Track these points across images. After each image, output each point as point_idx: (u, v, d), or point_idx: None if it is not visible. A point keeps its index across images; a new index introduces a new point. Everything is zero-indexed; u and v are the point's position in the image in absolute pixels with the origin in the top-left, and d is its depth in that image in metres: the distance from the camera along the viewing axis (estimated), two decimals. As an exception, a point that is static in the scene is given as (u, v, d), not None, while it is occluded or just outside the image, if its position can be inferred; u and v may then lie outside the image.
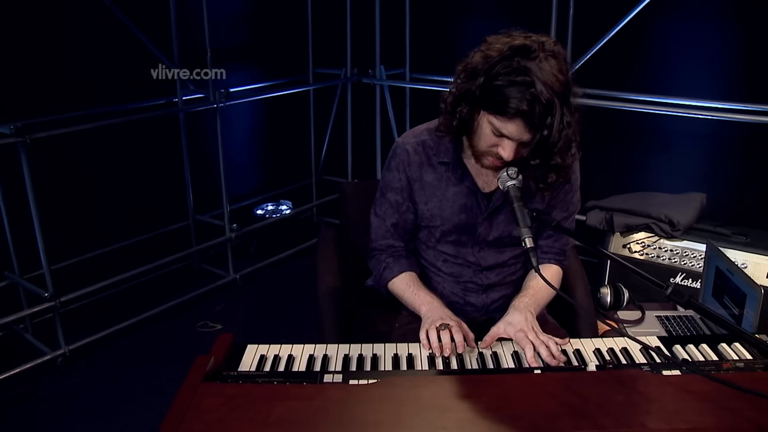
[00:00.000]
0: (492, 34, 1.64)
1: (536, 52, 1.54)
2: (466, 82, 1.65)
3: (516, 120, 1.56)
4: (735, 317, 2.00)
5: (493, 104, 1.57)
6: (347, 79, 4.46)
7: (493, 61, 1.57)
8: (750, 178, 3.46)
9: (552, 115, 1.54)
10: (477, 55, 1.63)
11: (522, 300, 1.80)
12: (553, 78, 1.52)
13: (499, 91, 1.55)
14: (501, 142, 1.63)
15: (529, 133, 1.58)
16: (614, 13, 3.46)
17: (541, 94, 1.51)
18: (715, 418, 1.26)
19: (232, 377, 1.44)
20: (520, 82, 1.52)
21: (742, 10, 3.42)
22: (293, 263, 4.24)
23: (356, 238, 2.35)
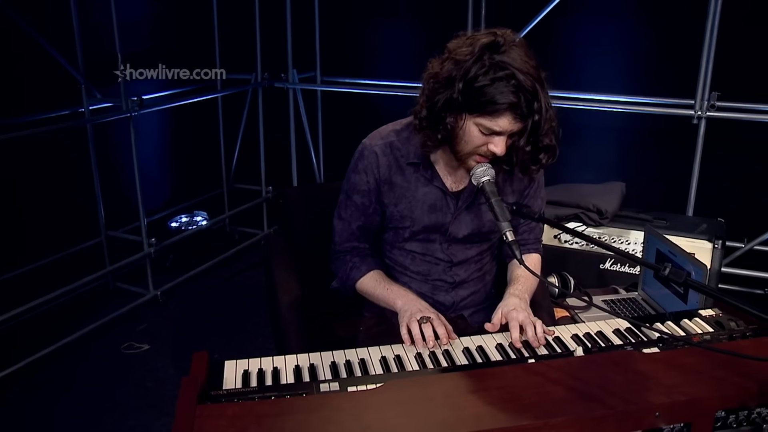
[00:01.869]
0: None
1: (503, 45, 1.57)
2: (443, 91, 1.63)
3: (506, 114, 1.58)
4: (680, 295, 2.12)
5: (480, 105, 1.58)
6: (258, 84, 4.35)
7: (467, 65, 1.57)
8: (660, 165, 3.70)
9: (537, 99, 1.57)
10: (445, 62, 1.63)
11: (516, 287, 1.83)
12: (527, 65, 1.56)
13: (483, 92, 1.56)
14: (491, 139, 1.64)
15: (520, 123, 1.60)
16: (525, 13, 3.59)
17: (524, 82, 1.54)
18: (709, 388, 1.33)
19: (225, 396, 1.35)
20: (502, 77, 1.54)
21: (646, 8, 3.66)
22: (214, 275, 4.09)
23: (303, 244, 2.30)
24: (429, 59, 1.72)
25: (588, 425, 1.24)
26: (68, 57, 3.29)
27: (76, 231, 3.75)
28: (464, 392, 1.32)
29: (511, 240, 1.58)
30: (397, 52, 4.43)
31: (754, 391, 1.33)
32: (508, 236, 1.59)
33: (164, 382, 2.94)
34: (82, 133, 3.48)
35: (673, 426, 1.29)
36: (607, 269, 3.09)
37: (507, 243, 1.58)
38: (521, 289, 1.85)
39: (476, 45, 1.58)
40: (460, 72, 1.58)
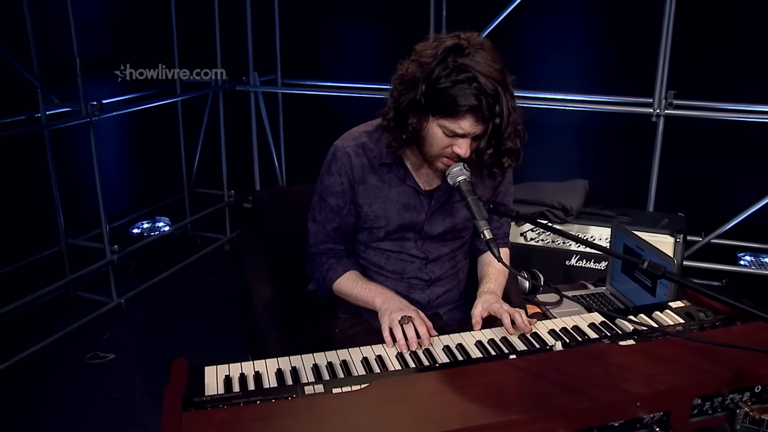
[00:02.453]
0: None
1: (467, 48, 1.59)
2: (407, 92, 1.66)
3: (467, 116, 1.60)
4: (648, 289, 2.18)
5: (442, 107, 1.60)
6: (218, 87, 4.30)
7: (430, 67, 1.60)
8: (620, 163, 3.79)
9: (499, 103, 1.59)
10: (411, 64, 1.66)
11: (488, 285, 1.88)
12: (490, 68, 1.58)
13: (445, 93, 1.58)
14: (455, 141, 1.66)
15: (482, 125, 1.63)
16: (486, 14, 3.63)
17: (486, 86, 1.57)
18: (686, 377, 1.37)
19: (209, 402, 1.33)
20: (464, 80, 1.56)
21: (603, 9, 3.75)
22: (178, 281, 4.02)
23: (274, 246, 2.28)
24: (399, 61, 1.74)
25: (573, 418, 1.26)
26: (23, 61, 3.19)
27: (35, 239, 3.65)
28: (450, 390, 1.33)
29: (489, 238, 1.61)
30: (359, 53, 4.44)
31: (728, 378, 1.37)
32: (485, 234, 1.61)
33: (132, 391, 2.88)
34: (39, 139, 3.38)
35: (653, 415, 1.33)
36: (573, 265, 3.14)
37: (485, 241, 1.60)
38: (494, 286, 1.89)
39: (440, 47, 1.61)
40: (424, 74, 1.61)
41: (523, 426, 1.23)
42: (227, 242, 4.56)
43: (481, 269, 2.00)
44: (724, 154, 3.74)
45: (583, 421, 1.27)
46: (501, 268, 1.98)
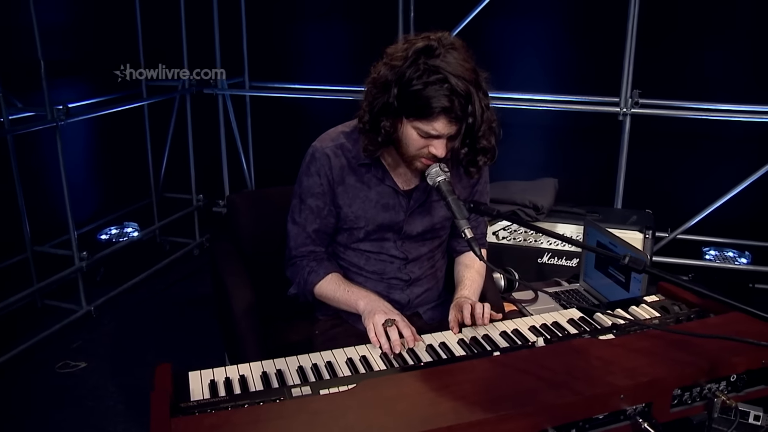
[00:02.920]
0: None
1: (438, 48, 1.60)
2: (380, 96, 1.67)
3: (440, 117, 1.62)
4: (622, 284, 2.22)
5: (415, 109, 1.62)
6: (186, 91, 4.25)
7: (401, 69, 1.61)
8: (588, 161, 3.86)
9: (471, 102, 1.61)
10: (383, 67, 1.67)
11: (463, 292, 1.91)
12: (462, 68, 1.60)
13: (417, 96, 1.60)
14: (430, 142, 1.68)
15: (455, 126, 1.65)
16: (454, 14, 3.66)
17: (457, 86, 1.58)
18: (666, 368, 1.40)
19: (197, 407, 1.32)
20: (435, 81, 1.58)
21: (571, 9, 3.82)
22: (147, 287, 3.96)
23: (250, 250, 2.27)
24: (372, 63, 1.74)
25: (559, 412, 1.28)
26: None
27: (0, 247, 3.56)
28: (438, 388, 1.34)
29: (470, 237, 1.62)
30: (327, 55, 4.43)
31: (705, 368, 1.42)
32: (467, 233, 1.63)
33: (105, 399, 2.83)
34: (3, 145, 3.30)
35: (635, 406, 1.36)
36: (546, 263, 3.19)
37: (467, 240, 1.62)
38: (468, 292, 1.92)
39: (411, 49, 1.62)
40: (395, 76, 1.62)
41: (512, 421, 1.25)
42: (196, 247, 4.52)
43: (458, 273, 2.02)
44: (689, 151, 3.84)
45: (569, 415, 1.30)
46: (479, 269, 2.02)
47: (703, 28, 3.66)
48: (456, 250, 2.08)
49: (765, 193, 3.57)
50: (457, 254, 2.08)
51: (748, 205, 3.58)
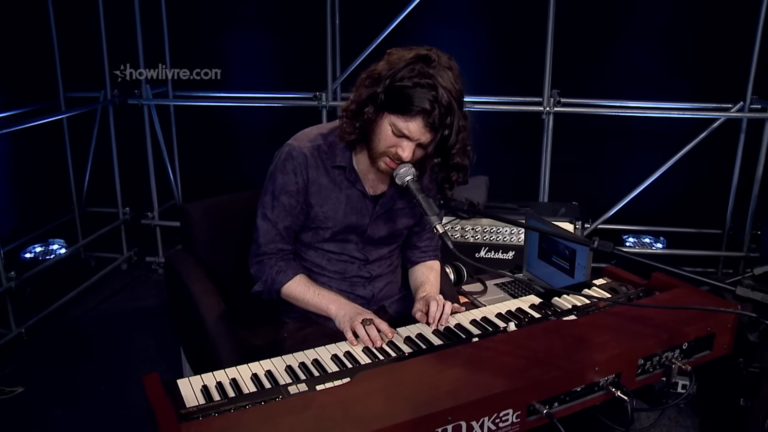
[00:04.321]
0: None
1: (436, 62, 1.71)
2: (371, 87, 1.76)
3: (417, 119, 1.71)
4: (566, 271, 2.38)
5: (397, 104, 1.70)
6: (108, 102, 4.13)
7: (398, 67, 1.71)
8: (510, 159, 4.05)
9: (451, 115, 1.71)
10: (381, 63, 1.77)
11: (425, 289, 2.02)
12: (451, 85, 1.71)
13: (403, 92, 1.69)
14: (400, 142, 1.76)
15: (429, 133, 1.74)
16: (379, 20, 3.76)
17: (442, 96, 1.68)
18: (630, 341, 1.55)
19: (200, 412, 1.33)
20: (424, 84, 1.68)
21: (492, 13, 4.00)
22: (78, 306, 3.82)
23: (207, 258, 2.27)
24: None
25: (545, 386, 1.40)
26: None
27: None
28: (432, 373, 1.42)
29: (442, 232, 1.72)
30: (250, 63, 4.42)
31: (663, 338, 1.57)
32: (438, 229, 1.73)
33: (52, 423, 2.73)
34: None
35: (607, 378, 1.49)
36: (483, 257, 3.34)
37: (439, 235, 1.72)
38: (434, 290, 2.03)
39: (412, 54, 1.72)
40: (390, 72, 1.71)
41: (504, 398, 1.35)
42: (124, 261, 4.39)
43: (420, 274, 2.12)
44: (606, 146, 4.12)
45: (552, 389, 1.41)
46: (438, 272, 2.15)
47: (618, 29, 3.95)
48: (411, 261, 2.19)
49: (676, 183, 3.88)
50: (413, 264, 2.18)
51: (661, 194, 3.88)
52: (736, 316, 1.68)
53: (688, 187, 4.06)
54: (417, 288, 2.05)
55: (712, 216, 4.02)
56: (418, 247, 2.17)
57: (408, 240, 2.17)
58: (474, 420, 1.31)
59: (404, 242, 2.18)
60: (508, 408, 1.35)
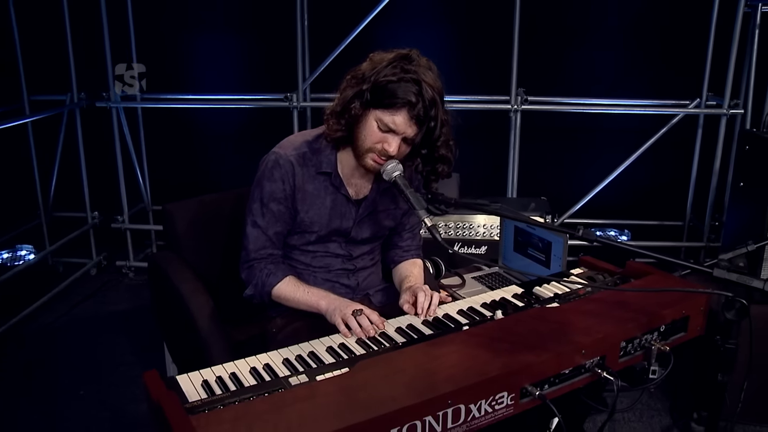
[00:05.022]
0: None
1: (416, 61, 1.80)
2: (355, 86, 1.82)
3: (402, 111, 1.77)
4: (542, 262, 2.47)
5: (382, 99, 1.78)
6: (74, 105, 4.08)
7: (381, 66, 1.79)
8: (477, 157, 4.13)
9: (435, 108, 1.79)
10: (364, 64, 1.84)
11: (410, 280, 2.09)
12: (434, 82, 1.80)
13: (388, 88, 1.76)
14: (387, 137, 1.82)
15: (415, 126, 1.80)
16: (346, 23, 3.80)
17: (426, 91, 1.76)
18: (613, 325, 1.63)
19: (207, 405, 1.36)
20: (408, 79, 1.76)
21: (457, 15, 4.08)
22: (49, 312, 3.76)
23: (191, 257, 2.29)
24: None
25: (537, 369, 1.47)
26: None
27: None
28: (429, 360, 1.48)
29: (431, 225, 1.79)
30: (219, 65, 4.41)
31: (643, 321, 1.66)
32: (426, 222, 1.79)
33: (33, 429, 2.70)
34: None
35: (592, 360, 1.57)
36: (456, 253, 3.40)
37: (427, 228, 1.78)
38: (415, 281, 2.09)
39: (393, 54, 1.80)
40: (373, 71, 1.79)
41: (499, 382, 1.41)
42: (94, 266, 4.33)
43: (403, 270, 2.18)
44: (571, 143, 4.24)
45: (543, 372, 1.49)
46: (421, 268, 2.22)
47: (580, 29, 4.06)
48: (394, 261, 2.25)
49: (639, 177, 4.02)
50: (396, 264, 2.25)
51: (625, 188, 4.01)
52: (707, 300, 1.78)
53: (650, 181, 4.20)
54: (402, 281, 2.11)
55: (673, 208, 4.17)
56: (400, 247, 2.24)
57: (389, 240, 2.23)
58: (472, 403, 1.37)
59: (386, 243, 2.25)
60: (503, 391, 1.42)
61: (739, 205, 2.75)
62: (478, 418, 1.39)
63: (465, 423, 1.37)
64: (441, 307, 1.90)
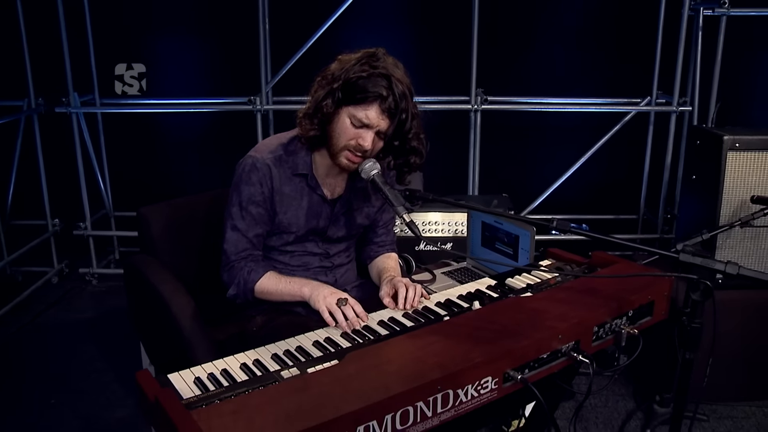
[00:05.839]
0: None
1: (383, 59, 1.88)
2: (326, 86, 1.89)
3: (374, 105, 1.85)
4: (510, 255, 2.56)
5: (354, 95, 1.85)
6: (32, 111, 4.01)
7: (350, 65, 1.86)
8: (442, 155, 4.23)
9: (406, 100, 1.87)
10: (333, 65, 1.91)
11: (389, 273, 2.15)
12: (402, 77, 1.88)
13: (358, 83, 1.84)
14: (360, 133, 1.88)
15: (387, 120, 1.87)
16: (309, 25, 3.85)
17: (396, 84, 1.85)
18: (585, 311, 1.73)
19: (203, 401, 1.39)
20: (377, 74, 1.84)
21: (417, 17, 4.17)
22: (11, 322, 3.69)
23: (167, 259, 2.32)
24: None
25: (517, 354, 1.55)
26: None
27: None
28: (416, 350, 1.54)
29: (409, 221, 1.85)
30: (180, 68, 4.40)
31: (613, 307, 1.76)
32: (406, 218, 1.86)
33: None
34: None
35: (568, 344, 1.66)
36: (423, 250, 3.48)
37: (407, 223, 1.85)
38: (393, 274, 2.17)
39: (360, 53, 1.88)
40: (343, 70, 1.86)
41: (483, 367, 1.49)
42: (55, 274, 4.27)
43: (380, 264, 2.26)
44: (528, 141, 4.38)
45: (523, 357, 1.57)
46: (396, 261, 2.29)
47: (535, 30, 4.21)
48: (370, 257, 2.33)
49: (595, 173, 4.18)
50: (371, 260, 2.32)
51: (581, 184, 4.17)
52: (671, 286, 1.89)
53: (605, 176, 4.37)
54: (380, 274, 2.17)
55: (627, 202, 4.35)
56: (375, 243, 2.31)
57: (364, 237, 2.30)
58: (459, 388, 1.44)
59: (360, 240, 2.31)
60: (488, 376, 1.49)
61: (691, 197, 2.90)
62: (465, 402, 1.46)
63: (453, 407, 1.44)
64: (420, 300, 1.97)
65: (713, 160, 2.68)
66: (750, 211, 2.56)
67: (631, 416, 2.76)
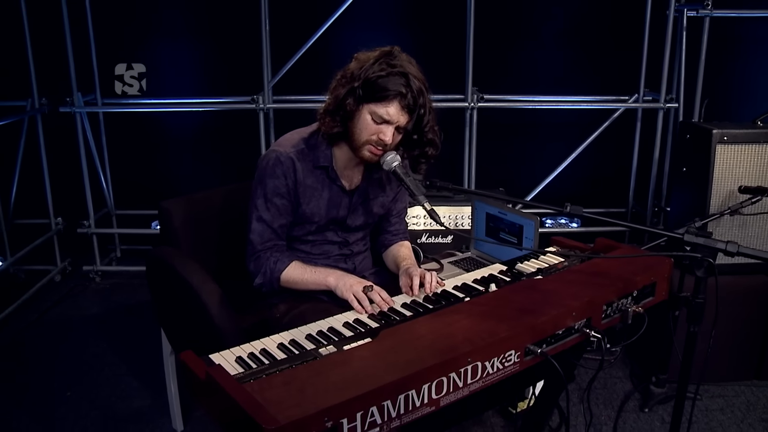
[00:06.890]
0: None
1: (399, 57, 2.00)
2: (346, 85, 2.00)
3: (394, 102, 1.97)
4: (514, 245, 2.69)
5: (375, 93, 1.97)
6: (36, 111, 4.07)
7: (368, 64, 1.98)
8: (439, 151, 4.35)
9: (423, 96, 1.99)
10: (351, 64, 2.03)
11: (406, 262, 2.27)
12: (417, 74, 2.01)
13: (378, 83, 1.95)
14: (381, 128, 2.00)
15: (406, 115, 1.99)
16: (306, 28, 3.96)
17: (413, 82, 1.97)
18: (594, 291, 1.86)
19: (252, 376, 1.49)
20: (396, 73, 1.96)
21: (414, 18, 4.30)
22: (18, 320, 3.75)
23: (190, 251, 2.42)
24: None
25: (537, 329, 1.67)
26: None
27: None
28: (445, 326, 1.67)
29: (430, 209, 1.98)
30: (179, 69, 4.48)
31: (619, 287, 1.89)
32: (426, 206, 1.98)
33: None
34: None
35: (580, 322, 1.79)
36: (424, 242, 3.61)
37: (428, 211, 1.97)
38: (410, 262, 2.29)
39: (377, 52, 2.00)
40: (362, 69, 1.97)
41: (507, 342, 1.61)
42: (58, 273, 4.33)
43: (397, 253, 2.37)
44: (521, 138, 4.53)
45: (542, 332, 1.69)
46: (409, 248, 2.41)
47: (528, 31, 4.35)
48: (384, 245, 2.45)
49: (585, 168, 4.33)
50: (386, 248, 2.44)
51: (573, 179, 4.32)
52: (670, 268, 2.03)
53: (595, 171, 4.53)
54: (398, 263, 2.28)
55: (616, 196, 4.51)
56: (389, 231, 2.43)
57: (378, 226, 2.42)
58: (487, 361, 1.56)
59: (375, 229, 2.42)
60: (511, 349, 1.61)
61: (682, 188, 3.06)
62: (492, 374, 1.59)
63: (481, 378, 1.57)
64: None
65: (703, 153, 2.84)
66: (738, 200, 2.73)
67: (629, 397, 2.91)
